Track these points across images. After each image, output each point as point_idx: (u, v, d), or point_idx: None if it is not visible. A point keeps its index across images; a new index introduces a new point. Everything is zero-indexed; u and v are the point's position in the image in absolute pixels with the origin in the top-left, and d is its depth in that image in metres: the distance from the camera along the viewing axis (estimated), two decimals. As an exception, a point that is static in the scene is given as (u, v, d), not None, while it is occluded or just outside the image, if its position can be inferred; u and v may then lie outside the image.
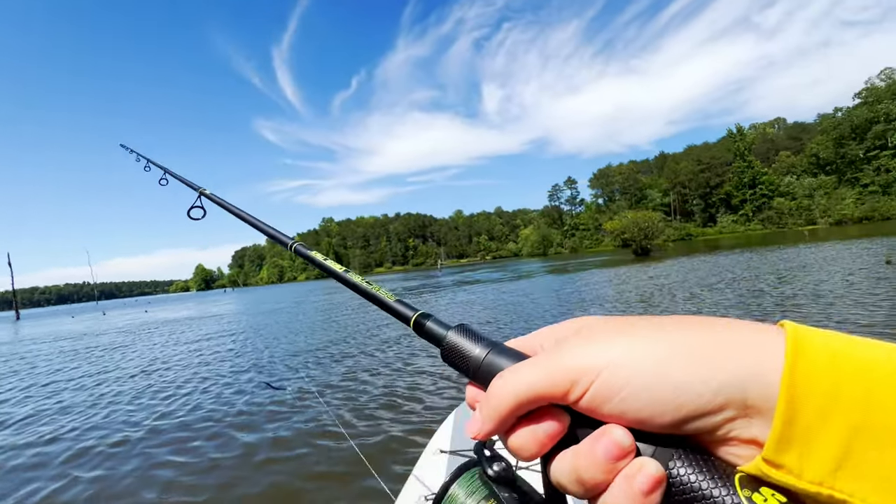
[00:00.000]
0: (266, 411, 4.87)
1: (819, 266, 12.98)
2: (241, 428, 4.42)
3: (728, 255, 22.35)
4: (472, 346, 0.37)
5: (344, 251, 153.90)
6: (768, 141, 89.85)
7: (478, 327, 0.44)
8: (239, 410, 4.99)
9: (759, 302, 8.31)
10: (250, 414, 4.85)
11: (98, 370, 8.57)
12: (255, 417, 4.71)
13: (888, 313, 6.10)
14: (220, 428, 4.49)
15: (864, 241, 21.63)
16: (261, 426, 4.41)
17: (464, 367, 0.37)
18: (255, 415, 4.79)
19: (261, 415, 4.76)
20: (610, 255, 43.27)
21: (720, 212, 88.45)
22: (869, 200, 63.38)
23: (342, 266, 0.64)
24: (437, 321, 0.44)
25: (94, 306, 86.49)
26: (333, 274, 0.63)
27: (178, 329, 15.47)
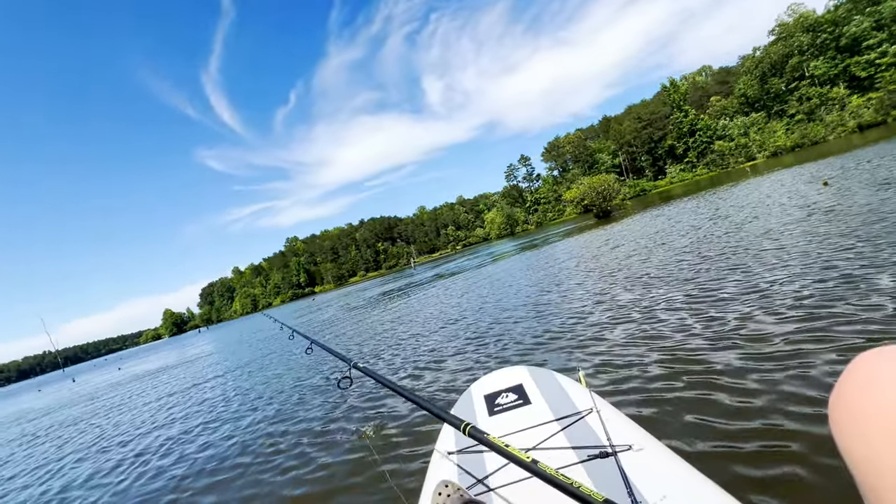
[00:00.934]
0: (283, 430, 5.12)
1: (765, 199, 14.11)
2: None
3: (682, 203, 23.72)
4: None
5: (315, 267, 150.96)
6: (699, 89, 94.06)
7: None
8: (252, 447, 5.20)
9: (718, 245, 9.06)
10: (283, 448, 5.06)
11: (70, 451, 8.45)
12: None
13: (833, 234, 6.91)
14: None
15: (800, 167, 23.40)
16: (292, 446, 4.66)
17: None
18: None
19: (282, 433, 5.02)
20: (574, 223, 44.68)
21: (667, 163, 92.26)
22: (798, 129, 67.75)
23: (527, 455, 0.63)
24: None
25: (60, 374, 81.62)
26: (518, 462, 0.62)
27: (157, 382, 15.16)
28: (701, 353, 3.70)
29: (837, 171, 14.55)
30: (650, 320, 4.96)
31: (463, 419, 0.74)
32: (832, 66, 65.80)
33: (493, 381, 2.36)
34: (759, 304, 4.41)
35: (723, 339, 3.86)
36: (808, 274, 4.88)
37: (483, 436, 0.65)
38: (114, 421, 9.10)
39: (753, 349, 3.48)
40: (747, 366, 3.24)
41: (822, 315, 3.71)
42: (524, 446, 1.72)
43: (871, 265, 4.53)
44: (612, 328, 5.07)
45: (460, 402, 2.32)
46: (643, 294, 6.23)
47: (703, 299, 5.15)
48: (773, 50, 72.83)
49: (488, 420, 2.01)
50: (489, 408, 2.11)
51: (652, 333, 4.51)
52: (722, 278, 5.78)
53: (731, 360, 3.40)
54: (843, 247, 5.50)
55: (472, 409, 2.16)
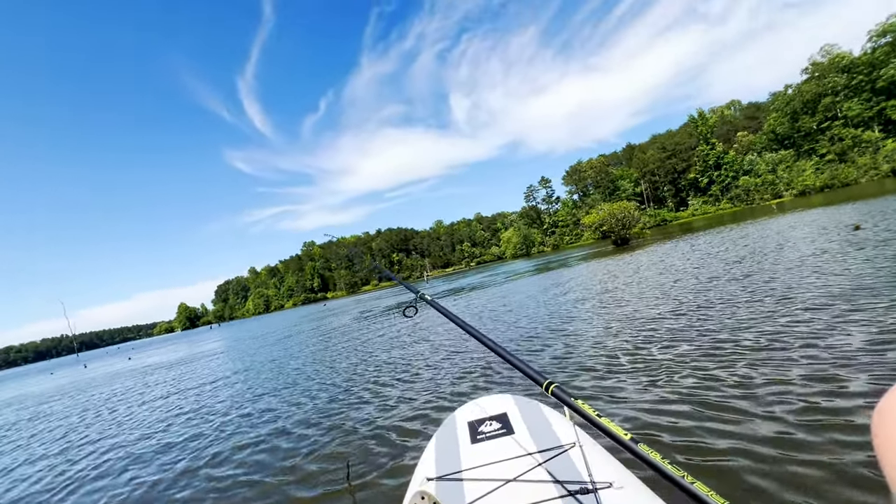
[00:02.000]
0: (255, 443, 5.08)
1: (791, 236, 13.74)
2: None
3: (702, 236, 23.29)
4: None
5: (329, 273, 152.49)
6: (727, 122, 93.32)
7: None
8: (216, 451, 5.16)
9: (741, 276, 8.82)
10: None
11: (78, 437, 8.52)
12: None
13: (864, 279, 6.66)
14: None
15: (830, 208, 22.80)
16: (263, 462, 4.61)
17: None
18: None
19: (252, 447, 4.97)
20: (592, 248, 44.21)
21: (690, 195, 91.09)
22: (827, 169, 66.33)
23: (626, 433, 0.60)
24: None
25: (74, 359, 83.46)
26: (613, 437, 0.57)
27: (163, 377, 15.31)
28: (692, 393, 3.54)
29: (870, 216, 14.11)
30: (645, 359, 4.79)
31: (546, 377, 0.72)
32: (867, 107, 64.53)
33: (478, 407, 2.35)
34: (763, 358, 4.23)
35: (714, 382, 3.69)
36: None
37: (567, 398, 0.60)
38: (104, 418, 9.16)
39: (744, 394, 3.31)
40: (730, 407, 3.08)
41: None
42: (504, 477, 1.71)
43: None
44: (608, 362, 4.92)
45: (444, 426, 2.28)
46: (643, 332, 6.05)
47: (709, 347, 4.96)
48: (805, 88, 71.93)
49: (470, 447, 1.99)
50: (472, 435, 2.08)
51: (644, 371, 4.35)
52: (734, 326, 5.58)
53: (720, 403, 3.24)
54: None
55: (454, 435, 2.13)
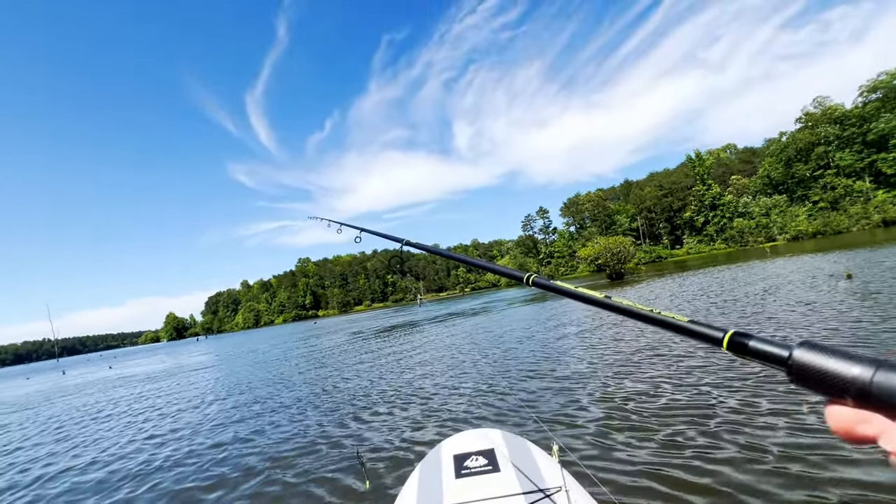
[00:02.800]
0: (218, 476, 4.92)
1: (782, 281, 13.84)
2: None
3: (699, 274, 23.41)
4: (845, 363, 0.34)
5: (322, 291, 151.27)
6: (722, 165, 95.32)
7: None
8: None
9: (735, 315, 8.83)
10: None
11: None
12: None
13: (859, 325, 6.69)
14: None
15: (822, 255, 23.07)
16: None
17: (835, 387, 0.34)
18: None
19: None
20: (586, 280, 44.30)
21: (685, 234, 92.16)
22: (820, 216, 67.61)
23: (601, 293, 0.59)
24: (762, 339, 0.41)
25: (54, 364, 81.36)
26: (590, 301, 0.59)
27: (137, 392, 14.99)
28: (689, 445, 3.48)
29: (862, 265, 14.28)
30: (642, 402, 4.73)
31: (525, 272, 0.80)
32: (858, 158, 66.30)
33: (465, 441, 2.27)
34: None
35: (707, 434, 3.64)
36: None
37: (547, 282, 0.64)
38: (47, 441, 8.88)
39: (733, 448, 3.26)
40: (720, 459, 3.02)
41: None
42: None
43: None
44: (598, 402, 4.85)
45: (429, 457, 2.23)
46: (637, 374, 6.00)
47: (698, 392, 4.92)
48: (799, 137, 74.02)
49: (454, 482, 1.92)
50: (457, 469, 2.01)
51: (639, 416, 4.29)
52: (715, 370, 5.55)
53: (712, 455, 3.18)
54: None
55: (439, 468, 2.06)
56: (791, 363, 0.36)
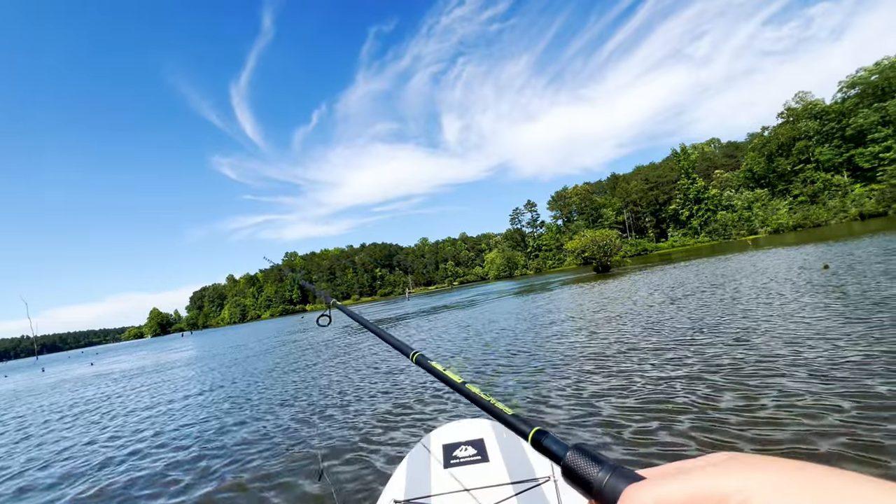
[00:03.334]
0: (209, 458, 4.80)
1: (764, 272, 14.05)
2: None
3: (682, 266, 23.72)
4: (594, 466, 0.39)
5: (310, 285, 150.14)
6: (706, 159, 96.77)
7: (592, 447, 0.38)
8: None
9: (716, 310, 8.91)
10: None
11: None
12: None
13: (831, 314, 6.77)
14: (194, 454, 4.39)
15: (801, 247, 23.54)
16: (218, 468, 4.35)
17: (585, 485, 0.39)
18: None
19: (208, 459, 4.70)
20: (573, 274, 44.66)
21: (670, 227, 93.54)
22: (800, 209, 69.22)
23: (460, 378, 0.67)
24: (554, 440, 0.48)
25: (32, 362, 79.54)
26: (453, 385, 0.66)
27: (124, 387, 14.70)
28: (678, 432, 3.47)
29: (838, 256, 14.58)
30: (631, 394, 4.72)
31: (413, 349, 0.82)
32: (837, 153, 67.86)
33: (454, 431, 2.26)
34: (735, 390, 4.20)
35: (700, 417, 3.63)
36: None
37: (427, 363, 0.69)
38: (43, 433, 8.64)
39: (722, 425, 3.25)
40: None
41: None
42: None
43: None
44: (589, 394, 4.83)
45: (418, 447, 2.21)
46: (628, 364, 6.00)
47: (692, 381, 4.93)
48: (780, 131, 75.42)
49: (443, 472, 1.93)
50: (446, 459, 2.01)
51: (628, 408, 4.28)
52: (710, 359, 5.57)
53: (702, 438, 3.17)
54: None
55: (427, 457, 2.05)
56: (563, 463, 0.43)
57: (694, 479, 0.28)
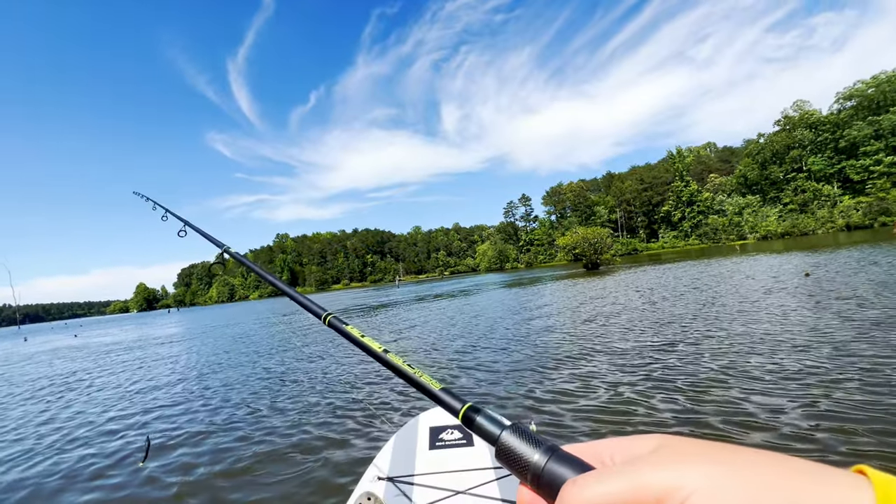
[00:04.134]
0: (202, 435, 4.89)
1: (748, 276, 14.34)
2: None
3: (669, 268, 24.06)
4: (530, 449, 0.36)
5: (300, 268, 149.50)
6: (701, 163, 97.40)
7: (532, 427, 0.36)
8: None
9: (694, 311, 9.11)
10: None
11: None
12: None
13: (808, 319, 6.98)
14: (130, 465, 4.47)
15: (786, 254, 23.98)
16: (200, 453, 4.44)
17: (521, 470, 0.36)
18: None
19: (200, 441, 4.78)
20: (563, 269, 45.03)
21: (662, 228, 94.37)
22: (789, 217, 70.25)
23: (380, 346, 0.61)
24: (488, 416, 0.43)
25: (15, 331, 78.52)
26: (371, 353, 0.61)
27: (107, 360, 14.65)
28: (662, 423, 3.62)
29: (820, 265, 14.92)
30: (620, 387, 4.88)
31: (327, 310, 0.77)
32: (829, 164, 68.74)
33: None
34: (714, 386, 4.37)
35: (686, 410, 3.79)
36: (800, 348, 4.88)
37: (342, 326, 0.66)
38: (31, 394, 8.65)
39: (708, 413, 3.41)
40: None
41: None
42: (456, 487, 1.70)
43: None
44: (576, 384, 4.98)
45: (405, 428, 2.26)
46: (617, 359, 6.17)
47: (680, 384, 5.09)
48: (775, 139, 76.09)
49: (428, 453, 1.97)
50: (432, 440, 2.05)
51: (615, 401, 4.43)
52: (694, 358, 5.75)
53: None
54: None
55: (414, 438, 2.10)
56: (497, 444, 0.39)
57: (634, 476, 0.28)
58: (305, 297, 0.83)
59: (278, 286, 0.91)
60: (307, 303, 0.81)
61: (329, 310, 0.75)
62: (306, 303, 0.81)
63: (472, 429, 0.43)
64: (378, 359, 0.58)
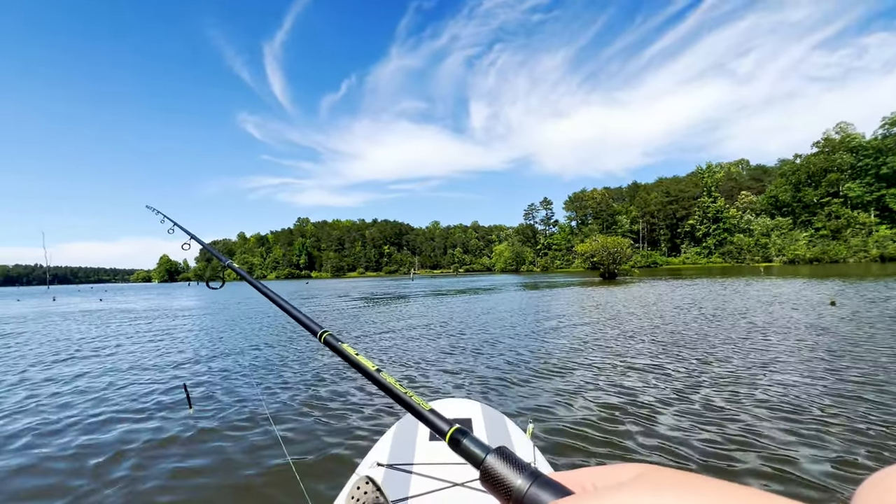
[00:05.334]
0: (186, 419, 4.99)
1: (773, 301, 13.92)
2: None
3: (687, 285, 23.51)
4: (514, 473, 0.37)
5: (318, 253, 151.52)
6: (732, 179, 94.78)
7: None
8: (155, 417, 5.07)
9: (716, 332, 8.91)
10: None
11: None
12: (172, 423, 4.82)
13: (829, 348, 6.75)
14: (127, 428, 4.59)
15: (815, 280, 23.17)
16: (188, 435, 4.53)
17: (504, 493, 0.37)
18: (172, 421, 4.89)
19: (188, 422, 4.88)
20: (579, 277, 44.53)
21: (685, 242, 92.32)
22: (820, 243, 67.75)
23: (373, 365, 0.62)
24: (474, 440, 0.44)
25: (44, 291, 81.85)
26: (364, 372, 0.62)
27: (128, 326, 15.09)
28: (660, 439, 3.55)
29: (850, 295, 14.37)
30: (625, 400, 4.80)
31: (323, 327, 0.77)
32: (868, 191, 66.03)
33: (445, 408, 2.30)
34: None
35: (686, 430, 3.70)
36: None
37: (337, 344, 0.67)
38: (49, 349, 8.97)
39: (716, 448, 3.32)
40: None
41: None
42: (452, 480, 1.70)
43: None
44: (581, 395, 4.91)
45: (406, 418, 2.29)
46: (626, 374, 6.07)
47: (683, 398, 4.98)
48: (813, 161, 73.47)
49: (427, 444, 1.98)
50: (432, 432, 2.05)
51: (621, 412, 4.36)
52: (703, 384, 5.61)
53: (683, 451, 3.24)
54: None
55: (415, 429, 2.11)
56: (481, 467, 0.40)
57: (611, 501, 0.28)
58: (301, 313, 0.82)
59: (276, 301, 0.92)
60: (303, 318, 0.80)
61: (325, 327, 0.74)
62: (302, 318, 0.80)
63: (457, 451, 0.44)
64: (371, 378, 0.60)
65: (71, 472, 3.32)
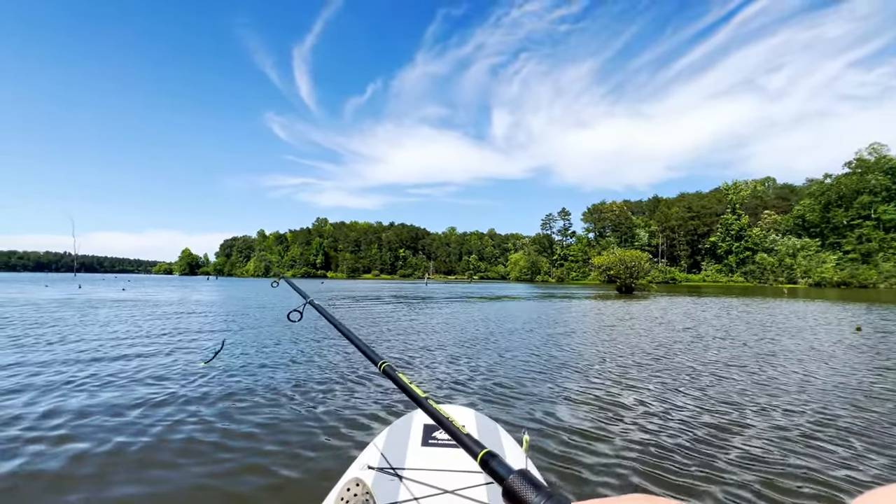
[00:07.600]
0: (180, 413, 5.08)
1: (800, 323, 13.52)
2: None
3: (704, 304, 22.96)
4: (533, 494, 0.42)
5: (334, 253, 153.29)
6: (757, 197, 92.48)
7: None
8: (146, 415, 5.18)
9: (739, 353, 8.71)
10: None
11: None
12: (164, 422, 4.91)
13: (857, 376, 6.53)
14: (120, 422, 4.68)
15: (842, 304, 22.39)
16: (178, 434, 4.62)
17: None
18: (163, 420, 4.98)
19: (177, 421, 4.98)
20: (595, 289, 43.93)
21: (705, 260, 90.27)
22: (849, 267, 65.38)
23: (423, 392, 0.71)
24: (501, 462, 0.51)
25: (71, 278, 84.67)
26: (415, 399, 0.70)
27: (149, 314, 15.43)
28: (661, 458, 3.48)
29: (879, 322, 13.84)
30: (626, 415, 4.72)
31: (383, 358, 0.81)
32: (902, 214, 63.60)
33: None
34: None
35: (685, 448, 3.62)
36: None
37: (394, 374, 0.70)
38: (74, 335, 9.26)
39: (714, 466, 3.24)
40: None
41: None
42: (444, 486, 1.69)
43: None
44: (581, 409, 4.86)
45: (400, 422, 2.26)
46: (631, 386, 5.97)
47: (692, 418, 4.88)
48: (844, 181, 71.20)
49: (420, 449, 1.97)
50: (424, 437, 2.05)
51: (620, 426, 4.29)
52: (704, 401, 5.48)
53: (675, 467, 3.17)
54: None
55: (408, 433, 2.11)
56: (504, 484, 0.45)
57: None
58: (365, 344, 0.87)
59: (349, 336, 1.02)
60: (366, 349, 0.84)
61: (384, 358, 0.80)
62: (365, 349, 0.85)
63: (486, 470, 0.51)
64: (421, 405, 0.67)
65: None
